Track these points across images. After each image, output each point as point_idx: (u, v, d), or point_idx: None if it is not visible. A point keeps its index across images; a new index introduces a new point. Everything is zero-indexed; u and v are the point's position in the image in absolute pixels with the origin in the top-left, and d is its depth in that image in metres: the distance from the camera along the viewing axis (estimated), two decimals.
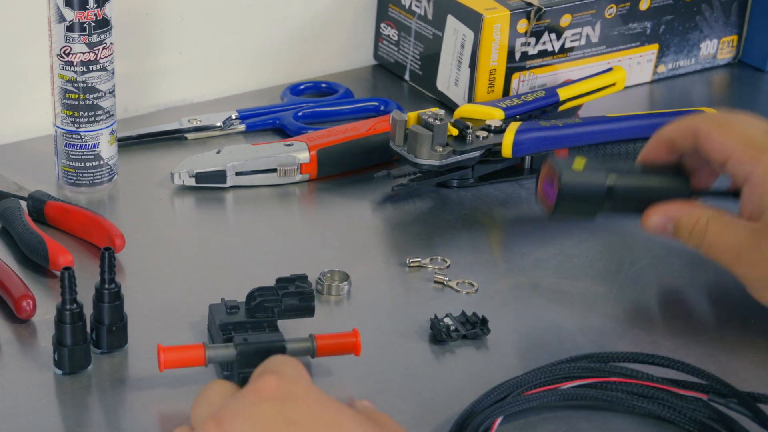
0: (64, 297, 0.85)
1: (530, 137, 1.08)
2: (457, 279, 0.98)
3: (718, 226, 0.91)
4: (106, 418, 0.83)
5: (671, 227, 0.93)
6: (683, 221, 0.92)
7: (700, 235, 0.91)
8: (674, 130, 0.96)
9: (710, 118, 0.94)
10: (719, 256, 0.91)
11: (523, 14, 1.19)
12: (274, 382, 0.68)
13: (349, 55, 1.32)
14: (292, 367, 0.71)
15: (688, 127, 0.95)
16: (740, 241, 0.90)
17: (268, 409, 0.67)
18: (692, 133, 0.94)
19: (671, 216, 0.93)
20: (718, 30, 1.33)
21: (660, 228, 0.94)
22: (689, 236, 0.92)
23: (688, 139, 0.95)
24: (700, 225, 0.92)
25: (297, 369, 0.71)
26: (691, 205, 0.93)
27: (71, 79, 1.03)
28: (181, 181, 1.08)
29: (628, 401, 0.84)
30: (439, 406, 0.85)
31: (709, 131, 0.93)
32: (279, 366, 0.70)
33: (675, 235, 0.93)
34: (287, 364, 0.71)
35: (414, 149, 1.06)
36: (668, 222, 0.93)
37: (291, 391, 0.68)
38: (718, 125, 0.93)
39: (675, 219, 0.93)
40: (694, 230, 0.92)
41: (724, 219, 0.91)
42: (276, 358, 0.72)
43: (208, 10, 1.21)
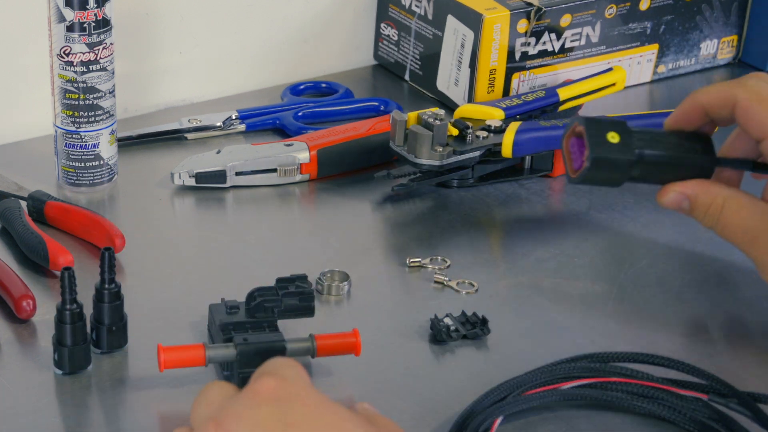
0: (64, 297, 0.85)
1: (530, 137, 1.08)
2: (457, 279, 0.98)
3: (734, 206, 0.89)
4: (106, 418, 0.83)
5: (687, 205, 0.90)
6: (699, 200, 0.90)
7: (716, 214, 0.89)
8: (712, 97, 0.91)
9: (751, 90, 0.90)
10: (734, 237, 0.89)
11: (523, 14, 1.19)
12: (273, 383, 0.68)
13: (349, 55, 1.32)
14: (292, 368, 0.71)
15: (727, 96, 0.90)
16: (757, 223, 0.87)
17: (267, 411, 0.67)
18: (731, 103, 0.90)
19: (688, 194, 0.90)
20: (718, 30, 1.33)
21: (675, 205, 0.91)
22: (704, 215, 0.90)
23: (725, 110, 0.90)
24: (716, 205, 0.89)
25: (297, 371, 0.71)
26: (709, 184, 0.90)
27: (71, 79, 1.03)
28: (181, 181, 1.08)
29: (628, 401, 0.84)
30: (439, 406, 0.85)
31: (749, 105, 0.89)
32: (278, 368, 0.70)
33: (691, 213, 0.90)
34: (287, 366, 0.71)
35: (414, 149, 1.06)
36: (684, 200, 0.90)
37: (289, 393, 0.68)
38: (758, 100, 0.89)
39: (691, 197, 0.90)
40: (710, 210, 0.89)
41: (741, 200, 0.89)
42: (276, 360, 0.72)
43: (208, 10, 1.21)
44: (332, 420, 0.67)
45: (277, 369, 0.70)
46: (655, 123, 1.12)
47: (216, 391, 0.71)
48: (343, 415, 0.68)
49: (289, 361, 0.72)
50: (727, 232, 0.89)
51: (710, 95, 0.91)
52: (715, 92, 0.91)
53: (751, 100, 0.89)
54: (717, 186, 0.90)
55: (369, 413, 0.74)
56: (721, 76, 1.34)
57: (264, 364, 0.71)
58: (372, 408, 0.75)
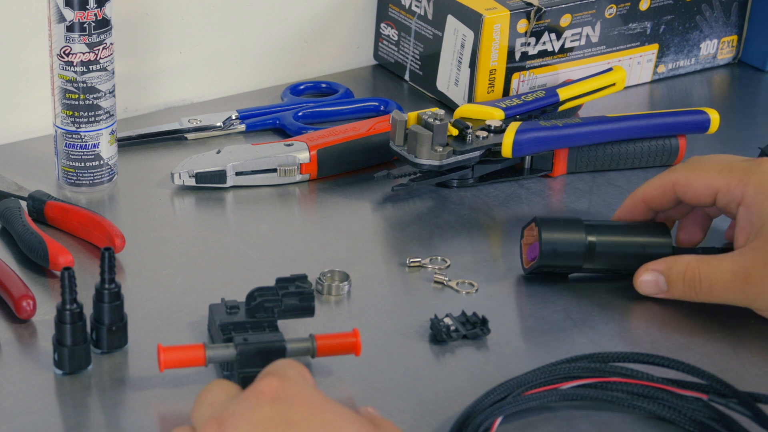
0: (64, 297, 0.85)
1: (530, 137, 1.08)
2: (457, 279, 0.98)
3: (711, 262, 0.90)
4: (106, 418, 0.83)
5: (663, 281, 0.93)
6: (673, 270, 0.92)
7: (695, 278, 0.91)
8: (651, 190, 0.96)
9: (683, 168, 0.95)
10: (725, 290, 0.90)
11: (523, 14, 1.19)
12: (275, 384, 0.68)
13: (349, 55, 1.32)
14: (295, 370, 0.71)
15: (663, 184, 0.95)
16: (741, 262, 0.89)
17: (268, 411, 0.67)
18: (670, 188, 0.94)
19: (660, 268, 0.93)
20: (718, 30, 1.33)
21: (652, 284, 0.93)
22: (684, 284, 0.91)
23: (667, 196, 0.95)
24: (691, 267, 0.91)
25: (299, 372, 0.71)
26: (674, 257, 0.93)
27: (71, 79, 1.03)
28: (181, 181, 1.08)
29: (628, 401, 0.84)
30: (439, 406, 0.85)
31: (687, 179, 0.93)
32: (281, 368, 0.71)
33: (669, 289, 0.93)
34: (290, 367, 0.71)
35: (414, 149, 1.06)
36: (659, 276, 0.93)
37: (290, 393, 0.68)
38: (693, 170, 0.94)
39: (664, 272, 0.92)
40: (687, 275, 0.91)
41: (713, 257, 0.91)
42: (280, 361, 0.72)
43: (208, 10, 1.21)
44: (333, 419, 0.68)
45: (281, 370, 0.70)
46: (655, 123, 1.12)
47: (218, 391, 0.71)
48: (345, 415, 0.69)
49: (292, 362, 0.72)
50: (717, 287, 0.90)
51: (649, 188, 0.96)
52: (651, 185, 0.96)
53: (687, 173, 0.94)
54: (683, 255, 0.92)
55: (372, 416, 0.74)
56: (721, 76, 1.34)
57: (268, 366, 0.72)
58: (375, 412, 0.76)
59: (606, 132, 1.11)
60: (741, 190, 0.91)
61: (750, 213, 0.90)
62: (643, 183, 1.04)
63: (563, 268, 0.97)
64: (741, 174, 0.91)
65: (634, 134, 1.12)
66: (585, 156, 1.13)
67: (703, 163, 0.94)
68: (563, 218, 0.97)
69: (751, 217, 0.90)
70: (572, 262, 0.96)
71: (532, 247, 0.97)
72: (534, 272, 0.97)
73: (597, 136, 1.11)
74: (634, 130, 1.12)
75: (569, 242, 0.95)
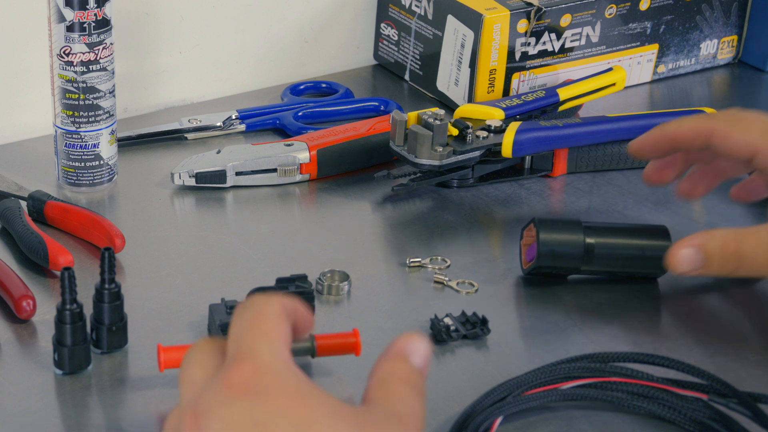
0: (64, 297, 0.85)
1: (530, 137, 1.08)
2: (457, 279, 0.98)
3: (748, 236, 0.87)
4: (106, 418, 0.83)
5: (700, 258, 0.89)
6: (710, 245, 0.88)
7: (735, 252, 0.87)
8: (685, 129, 0.93)
9: (724, 117, 0.91)
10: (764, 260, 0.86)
11: (523, 14, 1.19)
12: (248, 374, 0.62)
13: (349, 55, 1.32)
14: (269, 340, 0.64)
15: (701, 127, 0.92)
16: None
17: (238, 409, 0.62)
18: (706, 133, 0.91)
19: (697, 243, 0.88)
20: (718, 30, 1.33)
21: (689, 260, 0.89)
22: (723, 259, 0.87)
23: (698, 140, 0.92)
24: (730, 243, 0.87)
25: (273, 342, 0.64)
26: (706, 232, 0.89)
27: (71, 79, 1.03)
28: (181, 181, 1.08)
29: (628, 401, 0.84)
30: (439, 406, 0.85)
31: (728, 130, 0.90)
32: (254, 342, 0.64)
33: (705, 266, 0.89)
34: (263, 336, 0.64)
35: (414, 149, 1.06)
36: (696, 252, 0.88)
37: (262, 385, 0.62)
38: (735, 122, 0.91)
39: (701, 245, 0.88)
40: (726, 250, 0.87)
41: (751, 228, 0.87)
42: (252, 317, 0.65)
43: (208, 10, 1.21)
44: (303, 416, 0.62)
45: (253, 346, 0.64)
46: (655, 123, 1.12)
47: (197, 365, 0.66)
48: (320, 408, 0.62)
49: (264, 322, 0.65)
50: (757, 260, 0.86)
51: (683, 127, 0.93)
52: (687, 124, 0.93)
53: (729, 124, 0.90)
54: (717, 230, 0.89)
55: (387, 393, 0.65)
56: (721, 76, 1.34)
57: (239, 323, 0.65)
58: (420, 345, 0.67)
59: (606, 132, 1.11)
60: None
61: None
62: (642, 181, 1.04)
63: (561, 270, 0.97)
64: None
65: (634, 134, 1.12)
66: (585, 156, 1.13)
67: (746, 119, 0.91)
68: (562, 219, 0.97)
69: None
70: (570, 263, 0.96)
71: (531, 248, 0.97)
72: (533, 273, 0.97)
73: (597, 136, 1.11)
74: (634, 130, 1.12)
75: (567, 244, 0.95)
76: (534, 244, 0.96)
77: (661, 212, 1.08)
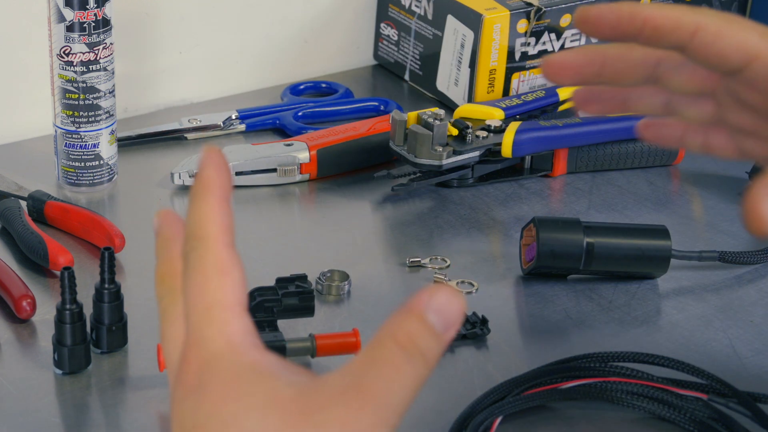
0: (64, 297, 0.85)
1: (530, 137, 1.08)
2: (457, 279, 0.98)
3: None
4: (106, 418, 0.83)
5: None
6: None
7: None
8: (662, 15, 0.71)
9: (714, 15, 0.72)
10: None
11: (523, 14, 1.19)
12: (194, 369, 0.56)
13: (349, 55, 1.32)
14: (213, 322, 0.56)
15: (683, 20, 0.71)
16: None
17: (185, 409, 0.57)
18: (689, 27, 0.71)
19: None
20: None
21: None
22: None
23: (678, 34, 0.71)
24: None
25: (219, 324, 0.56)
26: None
27: (71, 79, 1.03)
28: (181, 181, 1.08)
29: (628, 401, 0.84)
30: (439, 406, 0.85)
31: (720, 29, 0.70)
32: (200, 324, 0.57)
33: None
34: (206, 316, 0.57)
35: (414, 149, 1.06)
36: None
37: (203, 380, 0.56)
38: (728, 22, 0.71)
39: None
40: None
41: None
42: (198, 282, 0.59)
43: (208, 10, 1.21)
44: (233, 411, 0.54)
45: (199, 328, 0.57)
46: None
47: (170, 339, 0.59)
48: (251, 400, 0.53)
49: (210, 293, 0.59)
50: None
51: (662, 13, 0.71)
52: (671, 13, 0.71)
53: (721, 23, 0.71)
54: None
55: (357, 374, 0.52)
56: None
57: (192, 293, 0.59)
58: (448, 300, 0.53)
59: (606, 132, 1.11)
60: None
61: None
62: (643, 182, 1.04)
63: (561, 270, 0.97)
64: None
65: (634, 134, 1.12)
66: (585, 156, 1.13)
67: (739, 20, 0.72)
68: (562, 219, 0.97)
69: None
70: (570, 263, 0.96)
71: (530, 248, 0.97)
72: (532, 273, 0.97)
73: (597, 136, 1.11)
74: (634, 130, 1.12)
75: (567, 243, 0.95)
76: (534, 244, 0.96)
77: (661, 212, 1.08)
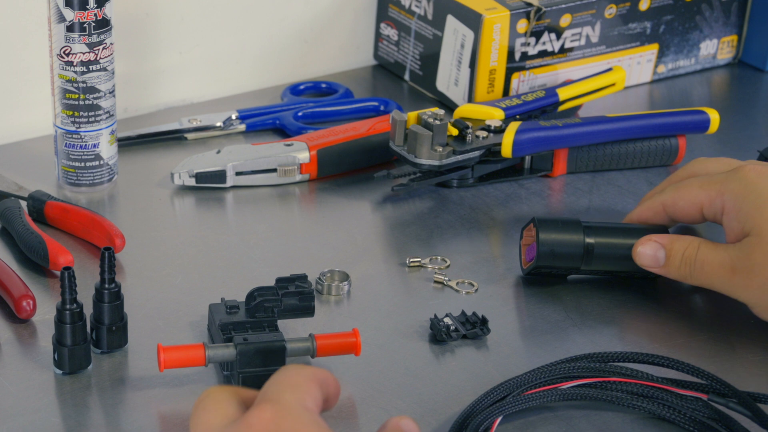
0: (64, 297, 0.85)
1: (530, 137, 1.08)
2: (457, 279, 0.98)
3: (709, 246, 0.92)
4: (106, 418, 0.83)
5: (662, 255, 0.94)
6: (675, 247, 0.93)
7: (692, 256, 0.92)
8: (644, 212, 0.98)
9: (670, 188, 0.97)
10: (711, 274, 0.91)
11: (523, 14, 1.19)
12: (267, 416, 0.65)
13: (349, 55, 1.32)
14: (295, 392, 0.67)
15: (653, 207, 0.97)
16: (731, 255, 0.91)
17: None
18: (661, 210, 0.97)
19: (662, 243, 0.94)
20: (718, 30, 1.33)
21: (651, 255, 0.94)
22: (680, 261, 0.93)
23: (659, 216, 0.97)
24: (692, 247, 0.93)
25: (300, 395, 0.67)
26: (678, 235, 0.95)
27: (71, 79, 1.03)
28: (181, 181, 1.08)
29: (628, 401, 0.84)
30: (439, 406, 0.85)
31: (673, 199, 0.96)
32: (279, 392, 0.67)
33: (665, 265, 0.94)
34: (289, 389, 0.67)
35: (414, 149, 1.06)
36: (659, 249, 0.94)
37: (281, 428, 0.65)
38: (677, 189, 0.96)
39: (666, 246, 0.94)
40: (686, 254, 0.93)
41: (713, 243, 0.93)
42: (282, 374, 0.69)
43: (208, 10, 1.21)
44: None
45: (277, 394, 0.67)
46: (655, 123, 1.12)
47: (214, 411, 0.68)
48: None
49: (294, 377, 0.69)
50: (706, 271, 0.92)
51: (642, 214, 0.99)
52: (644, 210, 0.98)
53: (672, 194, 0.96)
54: (689, 235, 0.94)
55: None
56: (721, 76, 1.34)
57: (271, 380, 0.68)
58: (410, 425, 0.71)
59: (606, 132, 1.11)
60: (720, 201, 0.93)
61: (731, 219, 0.92)
62: (643, 182, 1.04)
63: (561, 269, 0.97)
64: (719, 185, 0.93)
65: (634, 134, 1.12)
66: (585, 156, 1.13)
67: (685, 182, 0.96)
68: (562, 219, 0.97)
69: (732, 222, 0.92)
70: (570, 263, 0.96)
71: (530, 248, 0.97)
72: (532, 273, 0.97)
73: (597, 136, 1.11)
74: (634, 130, 1.12)
75: (567, 243, 0.95)
76: (533, 244, 0.96)
77: None
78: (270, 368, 0.84)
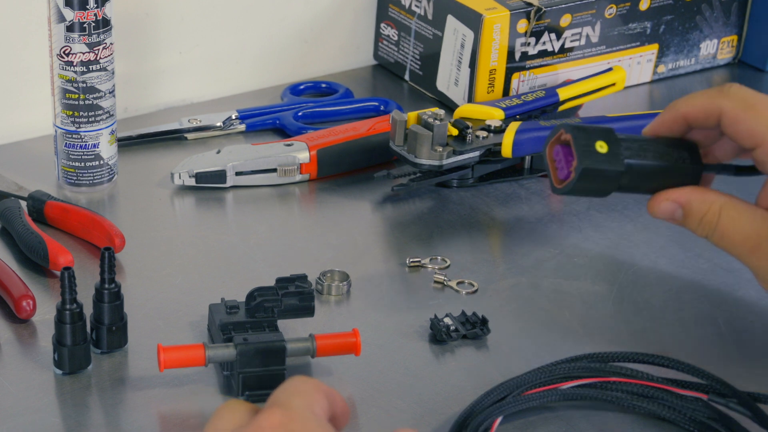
0: (64, 297, 0.85)
1: (530, 137, 1.08)
2: (457, 279, 0.98)
3: (732, 214, 0.84)
4: (106, 418, 0.83)
5: (680, 214, 0.85)
6: (694, 208, 0.84)
7: (712, 223, 0.84)
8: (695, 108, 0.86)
9: (736, 99, 0.85)
10: (732, 246, 0.84)
11: (523, 14, 1.19)
12: (277, 419, 0.67)
13: (349, 55, 1.32)
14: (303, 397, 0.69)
15: (711, 106, 0.85)
16: (757, 230, 0.83)
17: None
18: (716, 114, 0.85)
19: (681, 201, 0.85)
20: (718, 30, 1.33)
21: (668, 214, 0.85)
22: (699, 224, 0.84)
23: (710, 120, 0.86)
24: (712, 212, 0.84)
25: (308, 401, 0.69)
26: (703, 191, 0.85)
27: (71, 79, 1.03)
28: (181, 181, 1.08)
29: (628, 401, 0.84)
30: (439, 406, 0.85)
31: (736, 114, 0.84)
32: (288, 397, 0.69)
33: (684, 223, 0.85)
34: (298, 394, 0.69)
35: (414, 149, 1.06)
36: (677, 208, 0.85)
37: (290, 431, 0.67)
38: (745, 108, 0.84)
39: (685, 205, 0.85)
40: (705, 218, 0.84)
41: (738, 206, 0.84)
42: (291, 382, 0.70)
43: (208, 10, 1.21)
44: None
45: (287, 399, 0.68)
46: None
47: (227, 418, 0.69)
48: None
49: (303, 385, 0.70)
50: (726, 242, 0.84)
51: (693, 106, 0.86)
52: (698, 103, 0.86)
53: (738, 109, 0.84)
54: (712, 193, 0.85)
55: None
56: (721, 76, 1.34)
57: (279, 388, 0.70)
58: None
59: None
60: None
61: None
62: None
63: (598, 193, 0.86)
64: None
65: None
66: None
67: (757, 105, 0.85)
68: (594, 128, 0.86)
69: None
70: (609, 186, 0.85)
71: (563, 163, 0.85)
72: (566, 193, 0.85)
73: None
74: (634, 130, 1.12)
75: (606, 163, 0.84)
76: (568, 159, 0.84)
77: None
78: (270, 368, 0.84)
